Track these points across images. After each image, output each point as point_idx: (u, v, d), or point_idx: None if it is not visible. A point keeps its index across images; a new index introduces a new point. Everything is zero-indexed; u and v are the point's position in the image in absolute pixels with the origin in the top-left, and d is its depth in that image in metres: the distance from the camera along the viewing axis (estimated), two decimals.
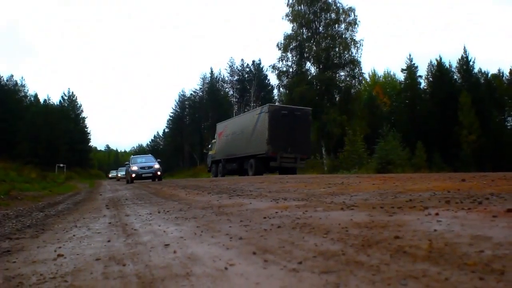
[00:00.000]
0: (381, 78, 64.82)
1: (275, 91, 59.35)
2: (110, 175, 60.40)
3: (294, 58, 38.81)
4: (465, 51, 50.93)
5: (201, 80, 73.66)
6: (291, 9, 38.43)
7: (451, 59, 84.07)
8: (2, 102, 55.35)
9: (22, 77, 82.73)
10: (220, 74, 73.02)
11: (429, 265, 1.74)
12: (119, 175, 42.77)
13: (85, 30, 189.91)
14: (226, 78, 70.24)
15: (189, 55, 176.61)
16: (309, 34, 38.55)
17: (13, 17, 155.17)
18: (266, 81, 65.45)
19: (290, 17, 38.32)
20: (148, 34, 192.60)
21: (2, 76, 61.38)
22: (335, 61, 37.41)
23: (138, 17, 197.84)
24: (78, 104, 72.17)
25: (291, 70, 38.86)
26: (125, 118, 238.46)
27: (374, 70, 68.84)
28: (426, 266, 1.72)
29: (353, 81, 37.96)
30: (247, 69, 67.77)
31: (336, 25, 37.66)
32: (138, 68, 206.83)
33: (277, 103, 31.48)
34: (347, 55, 37.25)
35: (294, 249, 2.32)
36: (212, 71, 72.44)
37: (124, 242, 3.16)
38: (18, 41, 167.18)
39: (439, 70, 50.28)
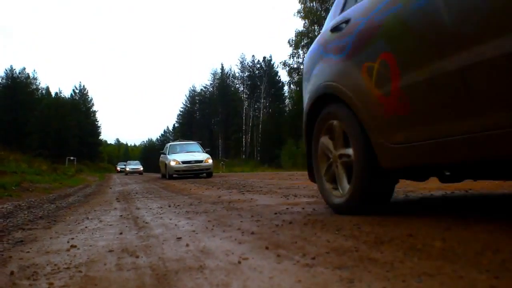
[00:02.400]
0: None
1: (286, 88, 59.42)
2: (127, 168, 45.34)
3: (305, 55, 38.71)
4: None
5: (212, 76, 73.94)
6: (303, 6, 38.34)
7: None
8: (14, 94, 55.89)
9: (34, 70, 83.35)
10: (230, 70, 73.47)
11: (443, 263, 1.73)
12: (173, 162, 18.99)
13: (98, 24, 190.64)
14: (237, 74, 70.30)
15: (200, 50, 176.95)
16: (321, 31, 38.45)
17: (26, 11, 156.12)
18: (277, 78, 65.38)
19: (302, 14, 38.23)
20: (160, 30, 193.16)
21: (14, 69, 61.94)
22: None
23: (150, 13, 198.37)
24: (89, 97, 72.71)
25: (302, 67, 38.76)
26: (136, 112, 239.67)
27: None
28: (440, 263, 1.72)
29: None
30: (258, 65, 67.70)
31: None
32: (150, 62, 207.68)
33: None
34: None
35: (306, 244, 2.32)
36: (222, 67, 72.64)
37: (136, 235, 3.18)
38: (31, 33, 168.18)
39: None
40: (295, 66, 38.69)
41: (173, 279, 1.82)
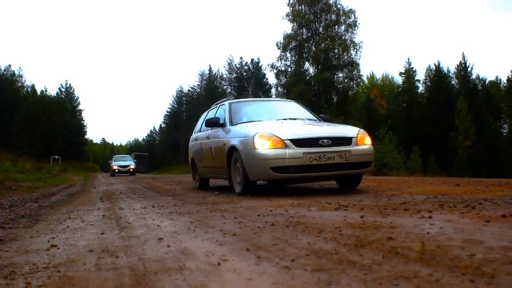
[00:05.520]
0: (379, 81, 64.93)
1: (273, 90, 59.41)
2: (115, 166, 31.88)
3: (293, 58, 38.81)
4: (463, 57, 51.28)
5: (199, 77, 73.63)
6: (291, 9, 38.45)
7: (450, 65, 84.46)
8: None
9: (19, 68, 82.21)
10: (218, 71, 73.02)
11: (420, 266, 1.75)
12: None
13: (85, 23, 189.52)
14: (225, 76, 70.19)
15: (188, 51, 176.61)
16: (309, 34, 38.59)
17: (13, 7, 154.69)
18: (265, 80, 65.34)
19: (290, 16, 38.31)
20: (147, 29, 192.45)
21: None
22: (334, 62, 37.44)
23: (137, 12, 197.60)
24: (75, 96, 71.96)
25: (289, 69, 38.82)
26: (122, 112, 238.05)
27: (372, 72, 68.98)
28: (418, 267, 1.74)
29: (351, 83, 38.00)
30: (246, 67, 67.69)
31: (336, 26, 37.71)
32: (137, 62, 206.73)
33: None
34: (346, 57, 37.28)
35: (287, 246, 2.33)
36: (210, 68, 72.38)
37: (118, 235, 3.17)
38: (17, 31, 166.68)
39: (437, 75, 50.44)
40: (283, 68, 38.71)
41: (152, 279, 1.81)
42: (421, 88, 54.25)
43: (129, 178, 21.33)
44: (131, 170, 32.39)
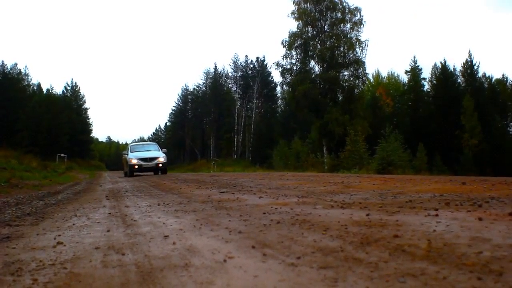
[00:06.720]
0: (384, 79, 64.70)
1: (278, 89, 59.51)
2: (133, 160, 20.11)
3: (298, 56, 38.67)
4: (469, 55, 50.89)
5: (205, 75, 73.66)
6: (297, 7, 38.32)
7: (456, 63, 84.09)
8: (5, 90, 55.32)
9: (26, 66, 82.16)
10: (223, 69, 73.07)
11: (427, 264, 1.74)
12: None
13: (90, 22, 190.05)
14: (230, 74, 70.08)
15: (193, 49, 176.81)
16: (314, 32, 38.48)
17: (19, 6, 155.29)
18: (270, 78, 65.26)
19: (295, 15, 38.20)
20: (153, 27, 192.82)
21: (6, 64, 61.39)
22: (339, 61, 37.29)
23: (143, 10, 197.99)
24: (80, 94, 72.13)
25: (295, 68, 38.66)
26: (127, 110, 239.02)
27: (378, 70, 68.51)
28: (425, 265, 1.73)
29: (357, 81, 37.84)
30: (251, 66, 67.51)
31: (342, 24, 37.56)
32: (142, 61, 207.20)
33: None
34: (351, 55, 37.14)
35: (293, 244, 2.32)
36: (216, 66, 72.36)
37: (124, 232, 3.17)
38: (23, 30, 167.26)
39: (443, 73, 50.18)
40: (288, 67, 38.55)
41: (158, 276, 1.81)
42: (427, 86, 54.01)
43: (134, 177, 19.17)
44: (160, 165, 20.89)
